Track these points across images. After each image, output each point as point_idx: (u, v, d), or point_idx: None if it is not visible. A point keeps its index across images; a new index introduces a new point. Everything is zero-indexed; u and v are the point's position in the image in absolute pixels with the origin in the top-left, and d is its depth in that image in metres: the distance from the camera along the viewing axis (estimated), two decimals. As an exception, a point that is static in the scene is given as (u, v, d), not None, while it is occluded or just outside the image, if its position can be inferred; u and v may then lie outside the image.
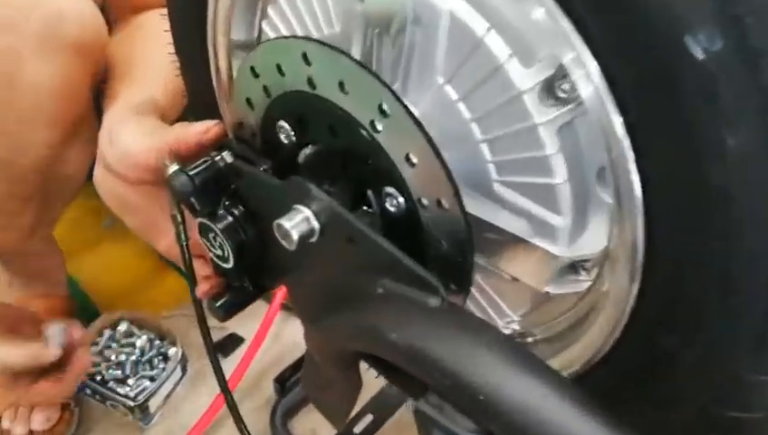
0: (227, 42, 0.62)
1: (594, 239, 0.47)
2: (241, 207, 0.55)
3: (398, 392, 1.06)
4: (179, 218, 0.60)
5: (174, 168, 0.57)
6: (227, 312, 0.61)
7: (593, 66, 0.38)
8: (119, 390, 1.02)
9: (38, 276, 1.16)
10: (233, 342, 1.17)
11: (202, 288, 0.62)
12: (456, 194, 0.43)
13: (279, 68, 0.49)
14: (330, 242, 0.50)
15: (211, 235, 0.57)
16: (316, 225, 0.49)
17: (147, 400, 1.03)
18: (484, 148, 0.47)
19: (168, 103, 0.78)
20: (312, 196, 0.49)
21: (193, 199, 0.57)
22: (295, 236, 0.49)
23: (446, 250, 0.48)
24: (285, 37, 0.51)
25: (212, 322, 1.25)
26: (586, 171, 0.46)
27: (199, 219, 0.57)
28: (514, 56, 0.43)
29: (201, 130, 0.58)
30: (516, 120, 0.44)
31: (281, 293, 1.16)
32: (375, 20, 0.47)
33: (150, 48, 0.86)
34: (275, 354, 1.17)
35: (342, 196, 0.51)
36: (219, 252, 0.58)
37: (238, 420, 0.79)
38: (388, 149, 0.45)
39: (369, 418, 1.04)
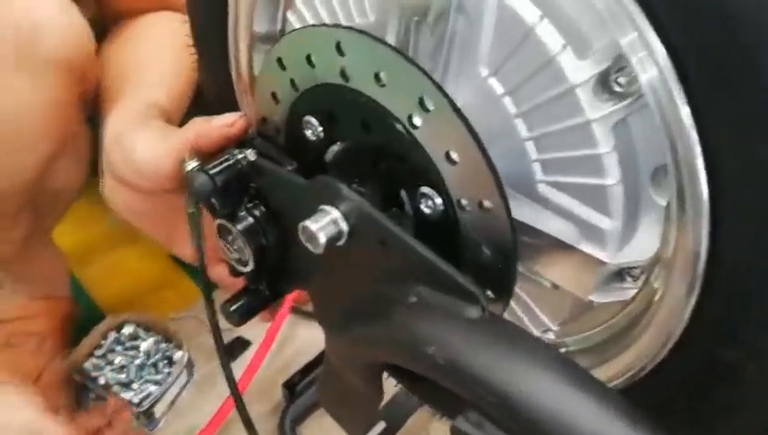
0: (249, 34, 0.59)
1: (645, 245, 0.44)
2: (263, 208, 0.52)
3: (413, 400, 1.03)
4: (196, 217, 0.57)
5: (193, 164, 0.54)
6: (242, 316, 0.58)
7: (659, 51, 0.34)
8: (122, 395, 0.99)
9: (39, 280, 1.13)
10: (240, 345, 1.13)
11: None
12: (502, 194, 0.40)
13: (309, 59, 0.46)
14: (359, 246, 0.47)
15: (230, 237, 0.54)
16: (345, 227, 0.46)
17: (152, 406, 0.99)
18: (530, 145, 0.44)
19: (173, 106, 0.75)
20: (341, 196, 0.46)
21: (213, 199, 0.54)
22: (323, 238, 0.46)
23: (486, 256, 0.45)
24: (317, 25, 0.48)
25: (221, 324, 1.22)
26: (640, 172, 0.42)
27: (218, 220, 0.54)
28: (568, 47, 0.40)
29: (226, 123, 0.54)
30: (568, 116, 0.41)
31: (290, 295, 1.13)
32: (414, 7, 0.43)
33: (151, 51, 0.83)
34: (284, 358, 1.14)
35: (373, 197, 0.47)
36: (237, 255, 0.55)
37: (249, 427, 0.76)
38: (426, 145, 0.42)
39: (381, 425, 1.01)
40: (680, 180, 0.38)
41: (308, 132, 0.51)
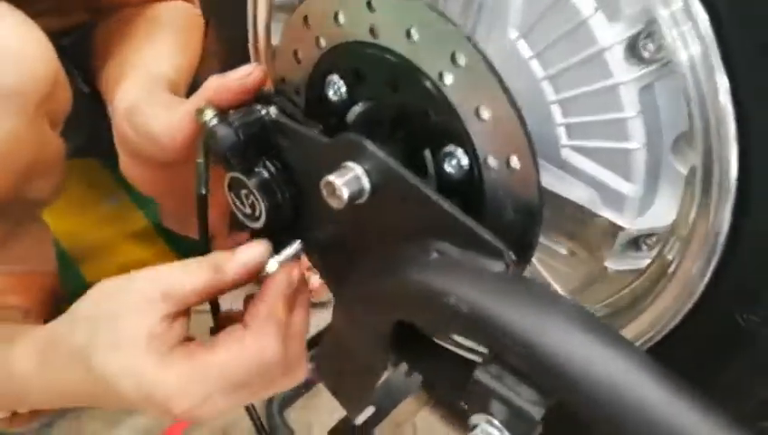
0: (269, 3, 0.59)
1: (663, 212, 0.45)
2: (279, 165, 0.52)
3: (405, 386, 1.03)
4: (203, 167, 0.56)
5: (210, 114, 0.52)
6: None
7: (702, 20, 0.35)
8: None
9: (22, 254, 1.10)
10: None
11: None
12: (532, 152, 0.41)
13: (336, 16, 0.46)
14: (380, 203, 0.47)
15: (243, 191, 0.53)
16: (367, 184, 0.46)
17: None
18: (555, 109, 0.44)
19: (180, 78, 0.74)
20: (367, 152, 0.46)
21: (228, 153, 0.54)
22: (345, 193, 0.46)
23: (508, 217, 0.45)
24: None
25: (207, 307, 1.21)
26: (662, 138, 0.43)
27: (232, 174, 0.53)
28: (599, 10, 0.41)
29: (244, 73, 0.54)
30: (596, 79, 0.42)
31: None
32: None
33: (154, 28, 0.82)
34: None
35: (394, 156, 0.48)
36: (249, 210, 0.54)
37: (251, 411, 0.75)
38: (456, 102, 0.43)
39: (371, 409, 1.01)
40: (708, 152, 0.39)
41: (330, 92, 0.51)
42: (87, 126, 0.89)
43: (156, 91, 0.68)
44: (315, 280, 1.19)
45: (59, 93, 0.71)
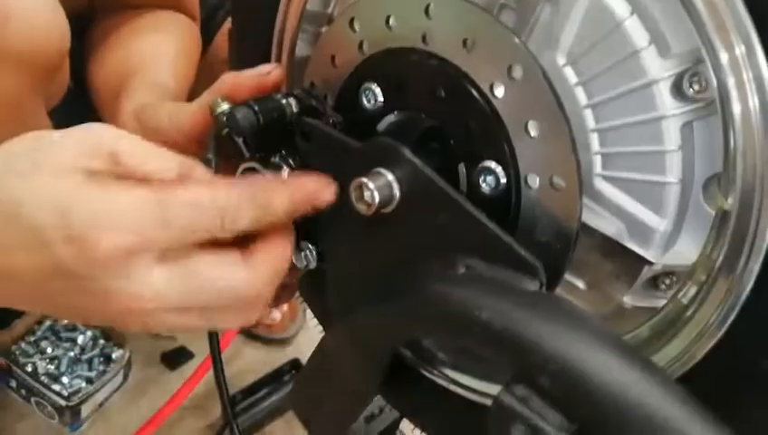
0: (300, 13, 0.59)
1: (687, 250, 0.46)
2: (299, 161, 0.51)
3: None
4: (213, 163, 0.54)
5: (224, 106, 0.51)
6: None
7: (763, 69, 0.37)
8: (51, 386, 0.90)
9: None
10: (182, 355, 1.07)
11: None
12: (578, 172, 0.41)
13: (387, 21, 0.46)
14: (407, 213, 0.46)
15: None
16: (397, 192, 0.46)
17: (81, 402, 0.91)
18: (594, 137, 0.45)
19: (181, 88, 0.74)
20: (402, 160, 0.45)
21: (241, 142, 0.52)
22: (377, 198, 0.45)
23: (540, 239, 0.45)
24: (407, -13, 0.48)
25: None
26: (695, 177, 0.44)
27: (247, 163, 0.51)
28: (653, 44, 0.42)
29: (264, 71, 0.53)
30: (641, 111, 0.43)
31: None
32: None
33: (158, 36, 0.82)
34: (227, 377, 1.08)
35: (426, 169, 0.47)
36: None
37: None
38: (505, 116, 0.43)
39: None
40: (747, 203, 0.40)
41: (364, 99, 0.50)
42: (64, 120, 0.86)
43: (163, 97, 0.67)
44: (276, 315, 1.16)
45: (62, 73, 0.69)
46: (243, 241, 0.43)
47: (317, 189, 0.45)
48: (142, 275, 0.37)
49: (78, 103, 0.82)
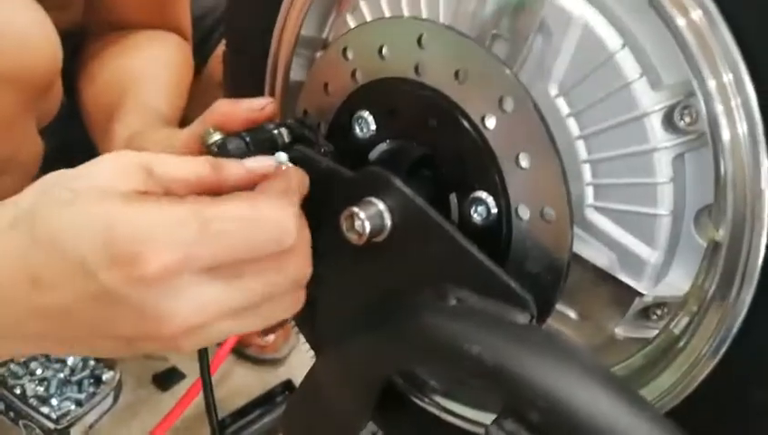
0: (295, 38, 0.59)
1: (679, 282, 0.46)
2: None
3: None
4: None
5: (216, 136, 0.52)
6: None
7: (751, 95, 0.37)
8: (40, 408, 0.89)
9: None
10: (174, 376, 1.06)
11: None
12: (569, 204, 0.41)
13: (380, 51, 0.47)
14: (398, 243, 0.46)
15: None
16: (389, 221, 0.45)
17: (70, 425, 0.90)
18: (586, 168, 0.45)
19: (173, 115, 0.74)
20: (393, 189, 0.45)
21: None
22: (368, 228, 0.45)
23: (530, 270, 0.45)
24: (399, 17, 0.49)
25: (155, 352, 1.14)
26: (686, 209, 0.44)
27: None
28: (644, 76, 0.42)
29: (255, 107, 0.52)
30: (632, 143, 0.43)
31: (232, 337, 1.08)
32: (496, 22, 0.45)
33: (149, 62, 0.83)
34: (218, 398, 1.07)
35: (417, 198, 0.47)
36: None
37: None
38: (496, 148, 0.43)
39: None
40: (737, 234, 0.40)
41: (357, 128, 0.50)
42: (58, 138, 0.86)
43: (156, 125, 0.67)
44: (269, 337, 1.15)
45: (54, 91, 0.69)
46: None
47: None
48: (195, 289, 0.36)
49: (72, 122, 0.82)
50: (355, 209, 0.45)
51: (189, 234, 0.35)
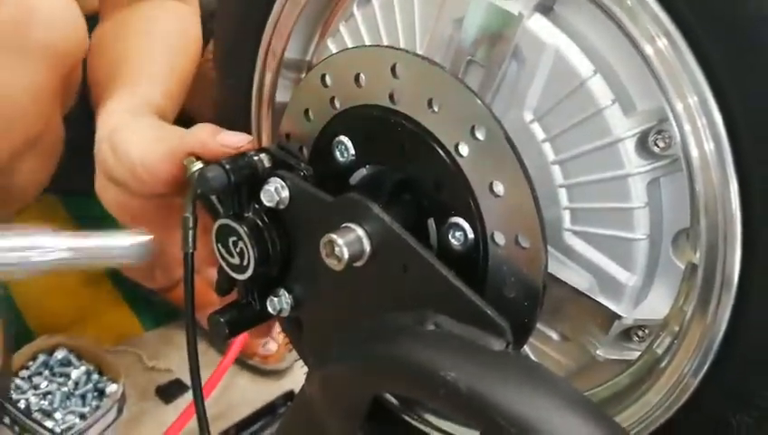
0: (279, 60, 0.59)
1: (658, 304, 0.46)
2: (272, 215, 0.51)
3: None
4: (191, 223, 0.55)
5: (198, 165, 0.54)
6: (231, 328, 0.55)
7: (717, 118, 0.37)
8: (44, 422, 0.91)
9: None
10: (177, 388, 1.07)
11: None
12: (543, 232, 0.41)
13: (357, 78, 0.47)
14: (377, 268, 0.46)
15: (232, 239, 0.52)
16: (368, 247, 0.46)
17: (73, 439, 0.91)
18: (562, 193, 0.45)
19: (168, 102, 0.73)
20: (371, 215, 0.45)
21: (215, 200, 0.53)
22: (346, 254, 0.45)
23: (508, 295, 0.45)
24: (375, 46, 0.49)
25: (159, 364, 1.15)
26: (663, 232, 0.44)
27: (222, 220, 0.52)
28: (617, 102, 0.42)
29: (235, 144, 0.54)
30: (607, 168, 0.43)
31: (237, 343, 1.08)
32: (471, 50, 0.45)
33: (147, 45, 0.80)
34: (221, 409, 1.08)
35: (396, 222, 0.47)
36: (236, 260, 0.53)
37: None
38: (470, 175, 0.43)
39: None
40: (711, 253, 0.40)
41: (337, 153, 0.51)
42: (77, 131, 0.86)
43: (140, 117, 0.67)
44: (272, 346, 1.15)
45: (79, 69, 0.72)
46: None
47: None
48: None
49: (87, 114, 0.82)
50: (333, 236, 0.45)
51: None
